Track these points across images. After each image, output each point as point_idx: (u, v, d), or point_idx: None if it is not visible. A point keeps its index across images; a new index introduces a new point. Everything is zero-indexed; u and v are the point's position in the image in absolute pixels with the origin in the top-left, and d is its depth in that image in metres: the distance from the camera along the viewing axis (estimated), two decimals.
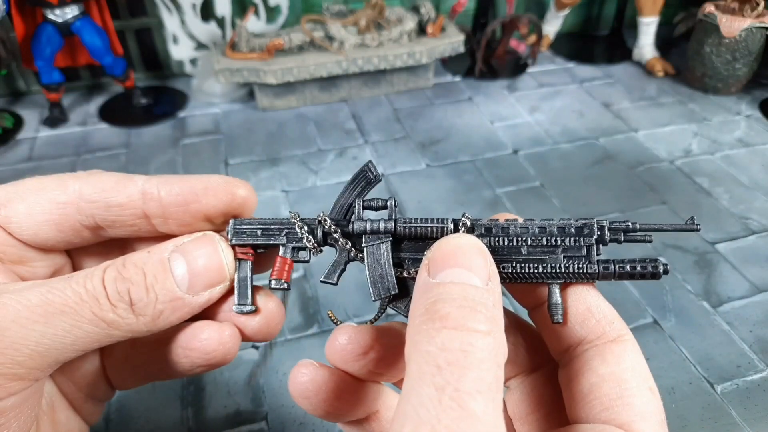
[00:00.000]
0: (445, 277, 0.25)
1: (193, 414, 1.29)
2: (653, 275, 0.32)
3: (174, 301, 0.29)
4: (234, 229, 0.33)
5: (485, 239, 0.32)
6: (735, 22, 2.38)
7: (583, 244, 0.32)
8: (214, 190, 0.32)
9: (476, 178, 2.05)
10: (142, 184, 0.32)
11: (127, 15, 2.57)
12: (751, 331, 1.46)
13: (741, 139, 2.26)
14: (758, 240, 1.76)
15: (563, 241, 0.31)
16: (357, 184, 0.33)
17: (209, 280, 0.30)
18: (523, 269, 0.31)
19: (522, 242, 0.32)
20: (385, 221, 0.32)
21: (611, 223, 0.32)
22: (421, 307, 0.24)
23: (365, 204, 0.33)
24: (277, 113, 2.48)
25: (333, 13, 2.54)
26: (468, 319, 0.23)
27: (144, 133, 2.35)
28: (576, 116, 2.43)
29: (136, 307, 0.28)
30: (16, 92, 2.60)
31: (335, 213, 0.33)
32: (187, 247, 0.30)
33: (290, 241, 0.32)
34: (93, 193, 0.31)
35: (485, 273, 0.26)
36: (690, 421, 1.27)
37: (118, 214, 0.31)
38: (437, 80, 2.71)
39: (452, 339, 0.22)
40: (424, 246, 0.32)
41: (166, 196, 0.31)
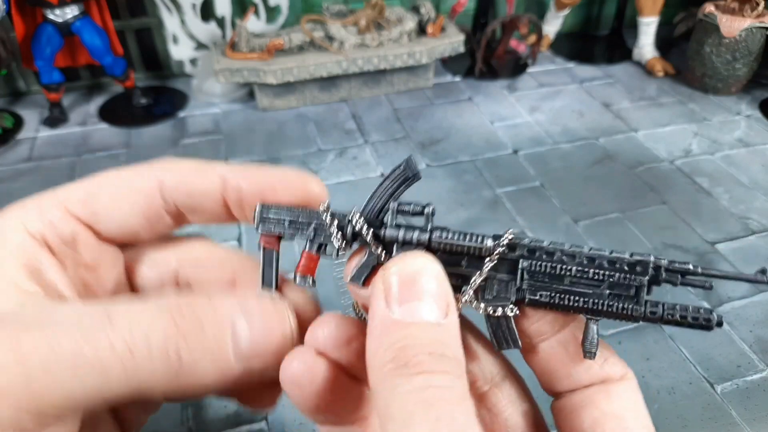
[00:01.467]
0: (406, 314, 0.24)
1: (193, 414, 1.29)
2: (704, 327, 0.29)
3: (224, 370, 0.26)
4: (261, 216, 0.30)
5: (527, 262, 0.29)
6: (735, 22, 2.38)
7: (634, 283, 0.29)
8: (290, 185, 0.31)
9: (476, 178, 2.05)
10: (222, 171, 0.30)
11: (127, 15, 2.57)
12: (751, 331, 1.46)
13: (741, 139, 2.26)
14: (758, 240, 1.76)
15: (612, 276, 0.29)
16: (394, 181, 0.31)
17: (266, 355, 0.27)
18: (562, 300, 0.28)
19: (566, 271, 0.29)
20: (420, 231, 0.29)
21: (670, 263, 0.29)
22: (386, 352, 0.23)
23: (400, 208, 0.30)
24: (277, 113, 2.48)
25: (333, 13, 2.54)
26: (440, 364, 0.23)
27: (144, 133, 2.35)
28: (576, 116, 2.43)
29: (181, 370, 0.24)
30: (16, 92, 2.60)
31: (368, 211, 0.30)
32: (254, 311, 0.27)
33: (318, 236, 0.30)
34: (174, 179, 0.30)
35: (443, 303, 0.25)
36: (690, 421, 1.27)
37: (199, 201, 0.30)
38: (437, 80, 2.71)
39: (434, 378, 0.22)
40: (459, 260, 0.29)
41: (247, 186, 0.30)
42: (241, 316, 0.26)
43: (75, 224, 0.30)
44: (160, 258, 0.32)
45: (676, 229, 1.80)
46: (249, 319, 0.27)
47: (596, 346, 0.28)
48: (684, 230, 1.80)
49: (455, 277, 0.29)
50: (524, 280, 0.29)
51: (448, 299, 0.25)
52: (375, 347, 0.24)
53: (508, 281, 0.29)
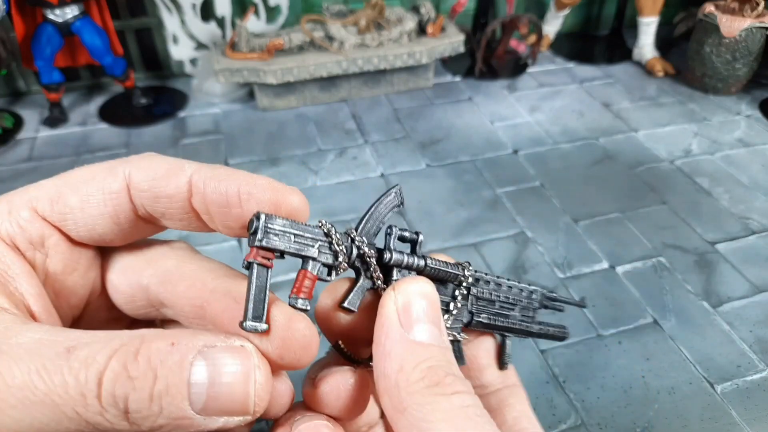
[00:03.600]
0: (422, 335, 0.26)
1: None
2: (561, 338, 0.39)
3: (180, 420, 0.24)
4: (265, 228, 0.26)
5: (475, 288, 0.33)
6: (735, 22, 2.38)
7: (532, 306, 0.36)
8: (257, 198, 0.27)
9: (476, 178, 2.05)
10: (190, 174, 0.28)
11: (127, 15, 2.57)
12: (751, 331, 1.46)
13: (741, 139, 2.26)
14: (758, 240, 1.76)
15: (520, 301, 0.35)
16: (385, 207, 0.31)
17: (228, 409, 0.24)
18: (494, 321, 0.34)
19: (495, 297, 0.34)
20: (418, 258, 0.31)
21: (549, 292, 0.38)
22: (413, 371, 0.25)
23: (400, 235, 0.31)
24: (277, 113, 2.48)
25: (333, 13, 2.54)
26: (462, 385, 0.25)
27: (144, 133, 2.35)
28: (576, 116, 2.43)
29: (131, 416, 0.23)
30: (16, 92, 2.60)
31: (364, 234, 0.30)
32: (215, 356, 0.24)
33: (321, 256, 0.28)
34: (143, 181, 0.28)
35: (444, 327, 0.27)
36: (690, 421, 1.27)
37: (167, 206, 0.28)
38: (437, 80, 2.71)
39: (463, 398, 0.25)
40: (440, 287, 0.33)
41: (210, 194, 0.27)
42: (202, 363, 0.24)
43: (44, 226, 0.28)
44: (132, 267, 0.30)
45: (676, 229, 1.80)
46: (210, 361, 0.24)
47: (510, 358, 0.34)
48: (684, 230, 1.80)
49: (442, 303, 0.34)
50: (473, 305, 0.33)
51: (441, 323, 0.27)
52: (397, 367, 0.25)
53: (464, 306, 0.33)
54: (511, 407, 0.32)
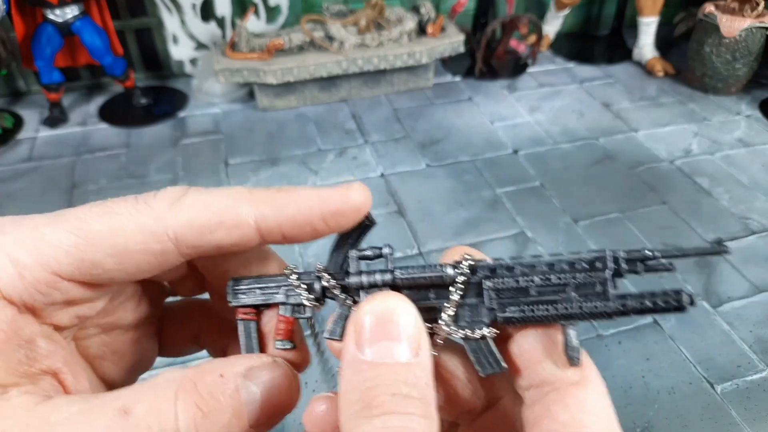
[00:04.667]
0: (375, 355, 0.24)
1: None
2: (677, 308, 0.28)
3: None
4: (233, 291, 0.31)
5: (490, 281, 0.29)
6: (735, 22, 2.38)
7: (597, 280, 0.29)
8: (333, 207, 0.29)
9: (476, 178, 2.05)
10: (254, 219, 0.27)
11: (127, 15, 2.57)
12: (751, 331, 1.46)
13: (741, 139, 2.26)
14: (758, 240, 1.76)
15: (574, 277, 0.29)
16: (353, 230, 0.31)
17: (276, 415, 0.27)
18: (533, 312, 0.28)
19: (529, 282, 0.29)
20: (381, 273, 0.30)
21: (628, 252, 0.29)
22: (353, 392, 0.24)
23: (360, 255, 0.30)
24: (277, 113, 2.48)
25: (333, 13, 2.54)
26: (402, 406, 0.23)
27: (144, 133, 2.35)
28: (576, 116, 2.43)
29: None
30: (16, 92, 2.60)
31: (332, 263, 0.31)
32: (260, 375, 0.27)
33: (289, 299, 0.31)
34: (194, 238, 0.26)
35: (415, 342, 0.25)
36: (690, 421, 1.27)
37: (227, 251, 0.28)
38: (437, 80, 2.71)
39: (392, 419, 0.22)
40: (426, 294, 0.30)
41: (289, 230, 0.28)
42: (251, 384, 0.26)
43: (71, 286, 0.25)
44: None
45: (676, 229, 1.80)
46: (259, 387, 0.26)
47: (578, 351, 0.28)
48: (684, 230, 1.80)
49: (427, 311, 0.29)
50: (492, 300, 0.29)
51: (419, 337, 0.25)
52: (344, 389, 0.24)
53: (476, 304, 0.29)
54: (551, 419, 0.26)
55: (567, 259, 0.29)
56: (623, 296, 0.28)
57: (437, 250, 1.72)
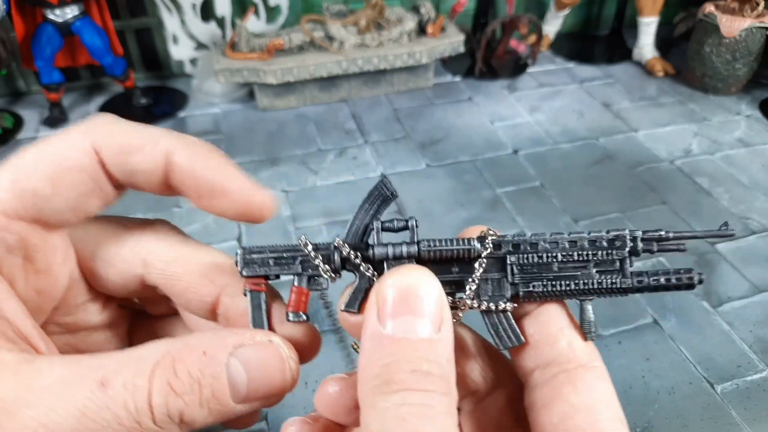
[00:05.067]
0: (396, 329, 0.23)
1: None
2: (688, 286, 0.30)
3: (225, 413, 0.25)
4: (244, 260, 0.29)
5: (514, 257, 0.30)
6: (735, 22, 2.38)
7: (616, 258, 0.30)
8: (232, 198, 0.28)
9: (476, 178, 2.05)
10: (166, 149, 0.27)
11: (127, 15, 2.57)
12: (751, 331, 1.46)
13: (741, 139, 2.26)
14: (758, 240, 1.76)
15: (595, 255, 0.30)
16: (372, 202, 0.31)
17: (266, 395, 0.26)
18: (555, 287, 0.29)
19: (552, 258, 0.30)
20: (407, 245, 0.30)
21: (644, 233, 0.31)
22: (373, 367, 0.23)
23: (384, 226, 0.30)
24: (277, 113, 2.48)
25: (333, 13, 2.55)
26: (422, 383, 0.22)
27: None
28: (576, 116, 2.43)
29: (185, 425, 0.24)
30: (16, 92, 2.60)
31: (351, 236, 0.30)
32: (248, 355, 0.26)
33: (305, 270, 0.30)
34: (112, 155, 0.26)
35: (437, 318, 0.24)
36: (690, 421, 1.27)
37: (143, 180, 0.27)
38: (437, 80, 2.71)
39: (411, 396, 0.22)
40: (449, 268, 0.30)
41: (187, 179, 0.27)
42: (238, 363, 0.25)
43: (22, 227, 0.25)
44: (120, 256, 0.29)
45: (676, 229, 1.79)
46: (246, 366, 0.26)
47: (595, 326, 0.29)
48: (684, 230, 1.80)
49: (449, 285, 0.29)
50: (515, 275, 0.29)
51: (442, 313, 0.24)
52: (364, 363, 0.24)
53: (500, 279, 0.29)
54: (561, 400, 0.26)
55: (588, 237, 0.30)
56: (639, 273, 0.30)
57: None
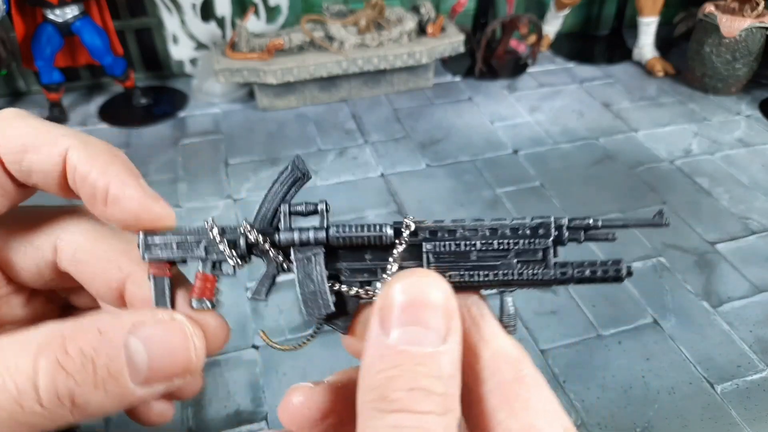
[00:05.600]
0: (400, 339, 0.22)
1: (193, 414, 1.29)
2: (615, 278, 0.28)
3: (124, 396, 0.23)
4: (145, 243, 0.28)
5: (430, 244, 0.28)
6: (735, 22, 2.38)
7: (539, 247, 0.28)
8: (122, 206, 0.26)
9: (476, 178, 2.05)
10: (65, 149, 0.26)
11: (127, 15, 2.57)
12: (751, 331, 1.46)
13: (741, 139, 2.26)
14: (758, 240, 1.76)
15: (516, 243, 0.28)
16: (283, 184, 0.29)
17: (170, 375, 0.24)
18: (472, 277, 0.27)
19: (470, 246, 0.27)
20: (315, 230, 0.28)
21: (570, 221, 0.29)
22: (372, 378, 0.22)
23: (292, 210, 0.28)
24: (277, 113, 2.48)
25: (333, 13, 2.55)
26: (420, 403, 0.21)
27: (144, 133, 2.35)
28: (576, 116, 2.43)
29: (77, 405, 0.22)
30: (16, 92, 2.60)
31: (259, 220, 0.28)
32: (148, 333, 0.24)
33: (210, 255, 0.28)
34: (10, 153, 0.25)
35: (444, 328, 0.22)
36: (690, 421, 1.27)
37: (41, 180, 0.26)
38: (437, 80, 2.71)
39: (406, 419, 0.21)
40: (363, 254, 0.28)
41: (80, 183, 0.26)
42: (137, 342, 0.24)
43: None
44: (33, 244, 0.28)
45: (676, 229, 1.80)
46: (147, 345, 0.24)
47: (515, 319, 0.27)
48: (684, 230, 1.80)
49: (361, 273, 0.28)
50: (431, 264, 0.28)
51: (451, 323, 0.23)
52: (363, 372, 0.22)
53: (415, 268, 0.27)
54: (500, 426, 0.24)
55: (510, 225, 0.29)
56: (564, 264, 0.28)
57: None
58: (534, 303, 1.56)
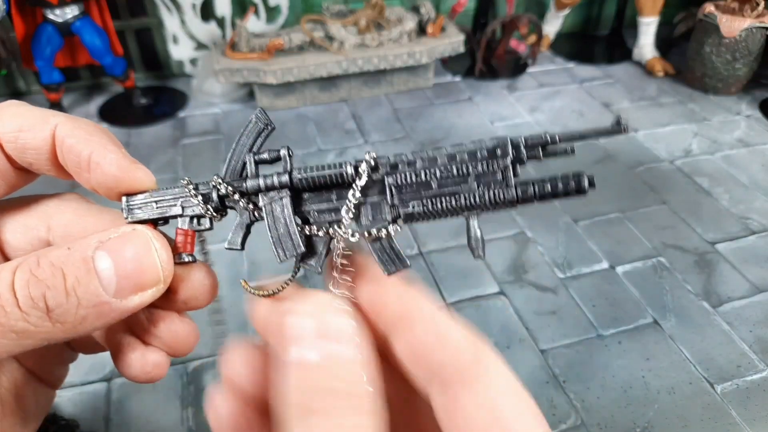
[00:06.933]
0: (312, 354, 0.23)
1: (193, 414, 1.29)
2: (578, 191, 0.28)
3: (99, 306, 0.25)
4: (128, 207, 0.30)
5: (392, 177, 0.28)
6: (735, 22, 2.38)
7: (498, 168, 0.28)
8: (103, 170, 0.29)
9: None
10: (54, 126, 0.28)
11: (127, 15, 2.57)
12: (751, 331, 1.46)
13: (741, 139, 2.26)
14: (758, 240, 1.76)
15: (475, 167, 0.28)
16: (248, 136, 0.30)
17: (140, 283, 0.26)
18: (435, 205, 0.27)
19: (431, 175, 0.28)
20: (279, 175, 0.29)
21: (527, 138, 0.29)
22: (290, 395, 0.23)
23: (258, 158, 0.30)
24: (277, 113, 2.48)
25: (333, 13, 2.54)
26: (345, 403, 0.22)
27: (144, 133, 2.35)
28: (576, 116, 2.43)
29: (53, 314, 0.24)
30: (16, 92, 2.60)
31: (229, 173, 0.30)
32: (113, 244, 0.26)
33: (187, 210, 0.30)
34: (8, 132, 0.28)
35: (354, 339, 0.24)
36: (690, 421, 1.27)
37: (35, 158, 0.28)
38: (437, 80, 2.71)
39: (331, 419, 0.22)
40: (329, 195, 0.29)
41: (67, 153, 0.28)
42: (103, 253, 0.26)
43: None
44: (27, 225, 0.30)
45: (676, 229, 1.80)
46: (109, 250, 0.26)
47: (482, 244, 0.27)
48: (684, 230, 1.80)
49: (329, 213, 0.29)
50: (393, 196, 0.28)
51: (357, 333, 0.24)
52: (281, 392, 0.23)
53: (379, 202, 0.28)
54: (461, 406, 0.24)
55: (468, 149, 0.28)
56: (525, 183, 0.28)
57: (437, 250, 1.72)
58: (534, 303, 1.56)
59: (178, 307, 0.30)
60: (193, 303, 0.30)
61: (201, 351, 1.42)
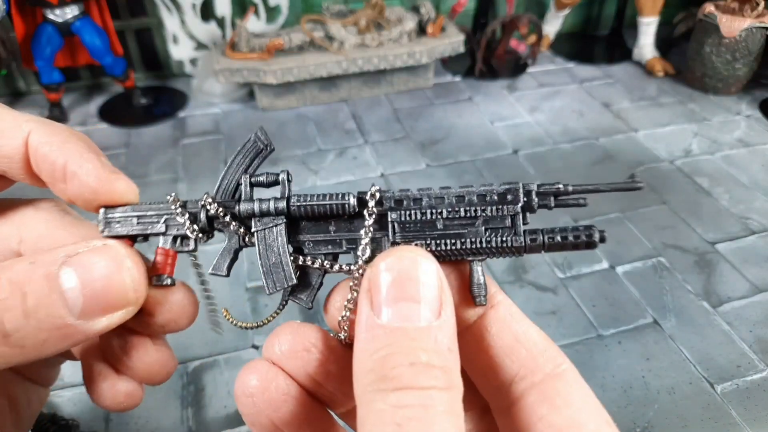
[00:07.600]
0: (392, 318, 0.21)
1: (193, 414, 1.29)
2: (588, 244, 0.27)
3: (62, 329, 0.23)
4: (105, 219, 0.27)
5: (395, 213, 0.26)
6: (735, 22, 2.38)
7: (507, 214, 0.28)
8: (80, 180, 0.26)
9: (476, 178, 2.05)
10: (28, 133, 0.26)
11: (127, 15, 2.57)
12: (751, 331, 1.46)
13: (741, 139, 2.26)
14: (758, 240, 1.76)
15: (484, 210, 0.27)
16: (245, 156, 0.28)
17: (108, 304, 0.24)
18: (439, 246, 0.26)
19: (437, 215, 0.26)
20: (276, 200, 0.27)
21: (539, 186, 0.28)
22: (368, 361, 0.21)
23: (254, 181, 0.28)
24: (277, 113, 2.48)
25: (333, 13, 2.54)
26: (422, 378, 0.20)
27: (144, 133, 2.35)
28: (576, 116, 2.43)
29: (11, 339, 0.22)
30: (16, 92, 2.60)
31: (221, 193, 0.28)
32: (81, 260, 0.24)
33: (171, 229, 0.28)
34: None
35: (437, 302, 0.22)
36: (690, 421, 1.27)
37: (7, 166, 0.26)
38: (437, 80, 2.71)
39: (408, 396, 0.20)
40: (326, 226, 0.27)
41: (41, 162, 0.26)
42: (69, 270, 0.23)
43: None
44: (1, 234, 0.28)
45: (676, 229, 1.80)
46: (76, 266, 0.24)
47: (484, 289, 0.26)
48: (684, 230, 1.80)
49: (325, 245, 0.27)
50: (396, 233, 0.27)
51: (442, 296, 0.22)
52: (358, 356, 0.22)
53: (381, 238, 0.27)
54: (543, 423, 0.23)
55: (478, 191, 0.28)
56: (534, 231, 0.28)
57: None
58: (534, 303, 1.56)
59: (155, 331, 0.28)
60: (171, 327, 0.28)
61: (201, 351, 1.42)
